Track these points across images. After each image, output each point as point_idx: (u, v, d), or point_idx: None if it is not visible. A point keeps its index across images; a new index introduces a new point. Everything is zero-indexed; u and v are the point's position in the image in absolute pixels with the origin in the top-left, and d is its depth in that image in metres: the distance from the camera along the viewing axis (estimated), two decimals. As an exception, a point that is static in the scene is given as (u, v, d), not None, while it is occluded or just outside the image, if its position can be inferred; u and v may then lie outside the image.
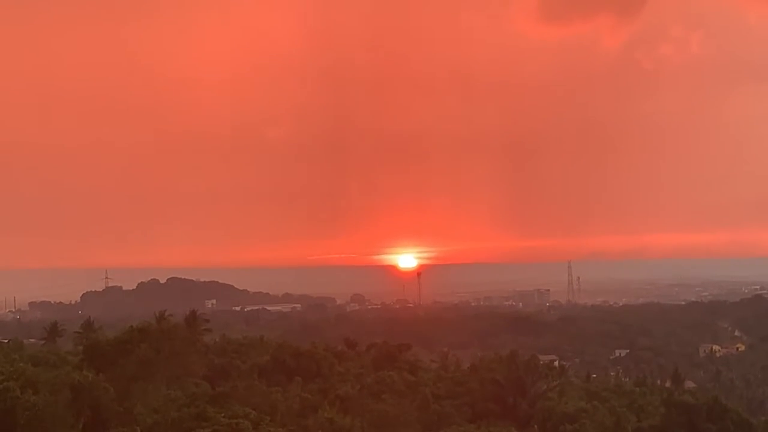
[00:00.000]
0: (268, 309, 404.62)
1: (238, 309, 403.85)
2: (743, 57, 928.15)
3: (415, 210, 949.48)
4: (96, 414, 60.15)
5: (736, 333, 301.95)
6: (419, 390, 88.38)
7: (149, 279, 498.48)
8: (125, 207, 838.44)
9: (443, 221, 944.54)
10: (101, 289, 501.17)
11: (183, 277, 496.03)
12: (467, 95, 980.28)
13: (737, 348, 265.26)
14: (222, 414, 60.54)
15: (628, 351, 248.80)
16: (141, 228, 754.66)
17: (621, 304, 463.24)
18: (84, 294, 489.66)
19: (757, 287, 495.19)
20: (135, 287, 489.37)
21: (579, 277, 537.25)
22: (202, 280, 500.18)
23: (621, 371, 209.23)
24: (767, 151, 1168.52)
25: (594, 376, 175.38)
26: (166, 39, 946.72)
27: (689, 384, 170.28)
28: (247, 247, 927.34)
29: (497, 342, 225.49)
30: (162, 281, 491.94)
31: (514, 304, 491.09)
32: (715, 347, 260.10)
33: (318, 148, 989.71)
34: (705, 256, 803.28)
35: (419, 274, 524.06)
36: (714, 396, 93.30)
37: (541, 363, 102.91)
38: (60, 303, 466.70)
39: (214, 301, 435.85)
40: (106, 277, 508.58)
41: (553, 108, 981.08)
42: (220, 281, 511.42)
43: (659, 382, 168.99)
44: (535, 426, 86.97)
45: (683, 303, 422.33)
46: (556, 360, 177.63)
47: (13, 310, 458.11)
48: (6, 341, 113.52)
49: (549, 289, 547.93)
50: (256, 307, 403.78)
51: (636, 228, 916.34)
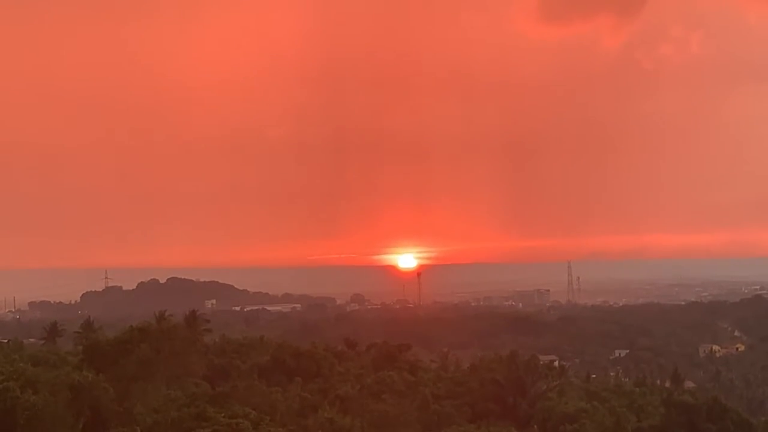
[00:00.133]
0: (268, 309, 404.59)
1: (237, 309, 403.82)
2: (743, 57, 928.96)
3: (415, 210, 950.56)
4: (96, 414, 60.17)
5: (735, 333, 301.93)
6: (419, 390, 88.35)
7: (149, 279, 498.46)
8: (125, 207, 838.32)
9: (443, 221, 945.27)
10: (101, 289, 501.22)
11: (183, 277, 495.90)
12: (467, 95, 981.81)
13: (737, 348, 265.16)
14: (222, 414, 60.56)
15: (627, 351, 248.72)
16: (141, 228, 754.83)
17: (621, 304, 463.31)
18: (84, 294, 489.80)
19: (757, 287, 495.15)
20: (135, 287, 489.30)
21: (579, 277, 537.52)
22: (201, 280, 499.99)
23: (621, 371, 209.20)
24: (767, 151, 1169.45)
25: (594, 376, 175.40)
26: (166, 39, 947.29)
27: (689, 384, 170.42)
28: (247, 247, 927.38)
29: (497, 342, 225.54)
30: (162, 281, 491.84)
31: (514, 304, 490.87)
32: (715, 347, 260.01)
33: (318, 148, 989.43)
34: (705, 256, 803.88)
35: (419, 274, 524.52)
36: (714, 396, 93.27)
37: (541, 363, 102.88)
38: (60, 303, 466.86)
39: (213, 301, 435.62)
40: (105, 277, 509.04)
41: (553, 108, 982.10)
42: (220, 281, 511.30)
43: (659, 382, 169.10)
44: (535, 426, 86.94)
45: (683, 303, 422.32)
46: (556, 360, 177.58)
47: (13, 310, 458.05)
48: (6, 341, 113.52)
49: (549, 289, 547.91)
50: (256, 307, 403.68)
51: (636, 228, 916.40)
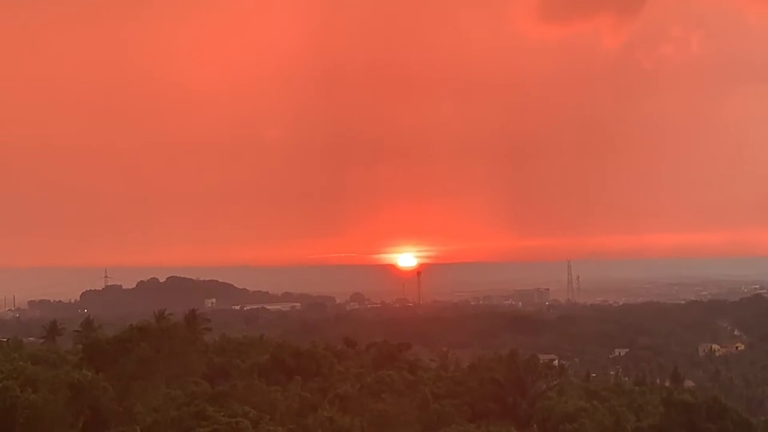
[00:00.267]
0: (267, 308, 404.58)
1: (237, 308, 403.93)
2: (743, 57, 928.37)
3: (415, 209, 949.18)
4: (95, 413, 60.17)
5: (735, 332, 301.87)
6: (419, 389, 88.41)
7: (149, 278, 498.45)
8: (125, 206, 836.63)
9: (443, 220, 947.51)
10: (101, 288, 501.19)
11: (182, 276, 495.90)
12: (467, 95, 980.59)
13: (737, 347, 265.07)
14: (221, 413, 60.64)
15: (627, 350, 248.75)
16: (141, 227, 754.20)
17: (620, 303, 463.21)
18: (83, 293, 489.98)
19: (757, 286, 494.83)
20: (135, 286, 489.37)
21: (579, 277, 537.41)
22: (201, 279, 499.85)
23: (620, 370, 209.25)
24: (767, 151, 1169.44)
25: (593, 375, 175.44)
26: (165, 40, 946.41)
27: (689, 383, 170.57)
28: (247, 247, 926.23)
29: (497, 341, 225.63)
30: (162, 280, 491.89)
31: (513, 303, 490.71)
32: (715, 346, 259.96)
33: (318, 147, 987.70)
34: (705, 255, 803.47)
35: (419, 273, 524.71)
36: (713, 395, 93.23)
37: (541, 362, 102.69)
38: (59, 302, 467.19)
39: (213, 300, 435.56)
40: (105, 276, 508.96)
41: (553, 108, 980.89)
42: (219, 280, 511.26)
43: (659, 381, 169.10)
44: (535, 425, 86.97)
45: (683, 302, 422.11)
46: (555, 359, 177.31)
47: (13, 308, 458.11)
48: (5, 340, 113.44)
49: (549, 289, 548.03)
50: (255, 306, 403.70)
51: (636, 227, 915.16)
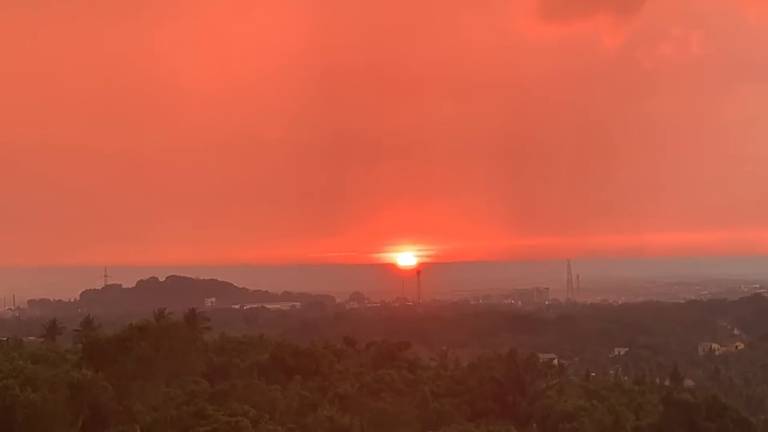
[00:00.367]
0: (267, 307, 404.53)
1: (237, 307, 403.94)
2: (743, 57, 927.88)
3: (415, 208, 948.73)
4: (95, 412, 60.20)
5: (735, 331, 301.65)
6: (418, 388, 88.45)
7: (148, 277, 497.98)
8: (125, 205, 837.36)
9: (443, 219, 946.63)
10: (100, 287, 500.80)
11: (182, 275, 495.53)
12: (466, 94, 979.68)
13: (736, 346, 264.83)
14: (221, 412, 60.69)
15: (627, 349, 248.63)
16: (140, 226, 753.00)
17: (620, 302, 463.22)
18: (83, 292, 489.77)
19: (757, 286, 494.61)
20: (134, 285, 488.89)
21: (578, 276, 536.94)
22: (201, 278, 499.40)
23: (620, 369, 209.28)
24: (766, 151, 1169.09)
25: (593, 374, 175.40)
26: (165, 40, 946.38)
27: (688, 382, 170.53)
28: (247, 246, 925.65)
29: (496, 340, 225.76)
30: (161, 279, 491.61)
31: (513, 302, 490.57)
32: (715, 346, 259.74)
33: (317, 147, 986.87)
34: (704, 254, 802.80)
35: (418, 272, 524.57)
36: (713, 394, 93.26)
37: (541, 361, 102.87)
38: (59, 301, 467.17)
39: (213, 299, 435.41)
40: (105, 275, 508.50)
41: (553, 107, 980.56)
42: (219, 279, 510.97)
43: (658, 380, 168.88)
44: (534, 424, 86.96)
45: (683, 301, 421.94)
46: (555, 358, 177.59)
47: (13, 307, 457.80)
48: (5, 339, 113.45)
49: (548, 288, 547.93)
50: (255, 306, 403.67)
51: (635, 226, 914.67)
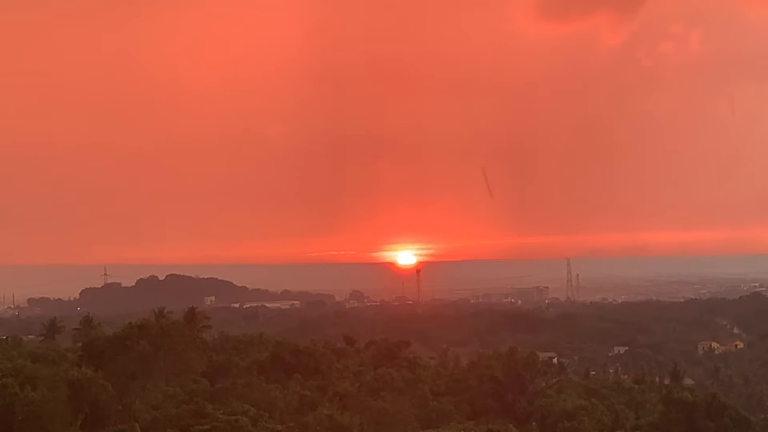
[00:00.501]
0: (267, 306, 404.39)
1: (237, 306, 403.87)
2: (743, 55, 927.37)
3: (414, 207, 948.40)
4: (95, 410, 60.18)
5: (734, 330, 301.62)
6: (418, 387, 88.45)
7: (148, 275, 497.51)
8: (125, 204, 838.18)
9: (442, 218, 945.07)
10: (100, 286, 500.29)
11: (182, 274, 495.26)
12: (466, 93, 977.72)
13: (736, 345, 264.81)
14: (221, 411, 60.70)
15: (626, 348, 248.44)
16: (140, 225, 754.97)
17: (620, 301, 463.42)
18: (83, 290, 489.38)
19: (756, 284, 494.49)
20: (134, 284, 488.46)
21: (578, 274, 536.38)
22: (201, 276, 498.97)
23: (620, 368, 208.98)
24: (766, 149, 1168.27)
25: (593, 373, 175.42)
26: (165, 37, 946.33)
27: (688, 381, 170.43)
28: (246, 244, 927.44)
29: (496, 339, 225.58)
30: (161, 278, 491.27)
31: (513, 301, 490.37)
32: (714, 344, 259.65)
33: (317, 145, 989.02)
34: (704, 253, 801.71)
35: (418, 271, 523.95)
36: (713, 393, 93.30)
37: (540, 360, 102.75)
38: (59, 299, 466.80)
39: (213, 298, 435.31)
40: (105, 274, 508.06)
41: (552, 105, 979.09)
42: (219, 278, 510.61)
43: (658, 379, 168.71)
44: (534, 423, 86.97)
45: (682, 300, 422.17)
46: (554, 357, 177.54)
47: (12, 306, 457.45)
48: (5, 338, 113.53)
49: (548, 287, 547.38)
50: (255, 304, 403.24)
51: (635, 225, 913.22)
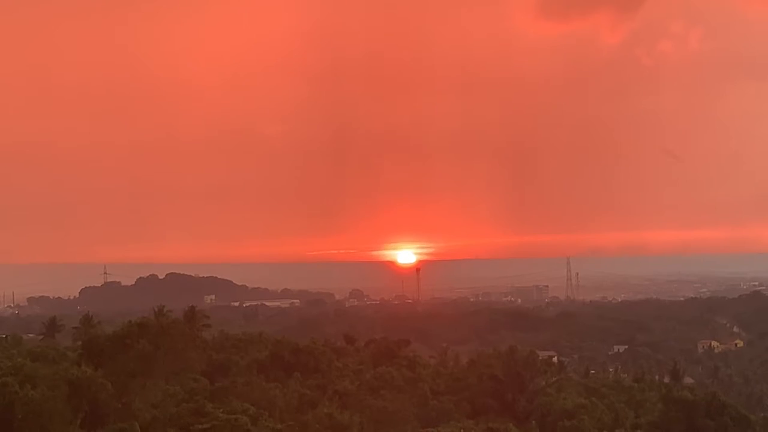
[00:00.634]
0: (266, 304, 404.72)
1: (236, 304, 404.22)
2: (743, 53, 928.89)
3: (414, 206, 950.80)
4: (94, 409, 60.15)
5: (734, 329, 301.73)
6: (418, 386, 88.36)
7: (148, 274, 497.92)
8: (124, 202, 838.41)
9: (442, 217, 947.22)
10: (100, 285, 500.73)
11: (182, 273, 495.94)
12: (466, 92, 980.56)
13: (736, 344, 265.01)
14: (220, 409, 60.66)
15: (626, 347, 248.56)
16: (140, 223, 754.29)
17: (620, 300, 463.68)
18: (83, 289, 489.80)
19: (756, 283, 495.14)
20: (134, 282, 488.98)
21: (578, 273, 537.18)
22: (200, 275, 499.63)
23: (619, 367, 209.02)
24: (766, 148, 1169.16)
25: (593, 371, 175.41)
26: (165, 36, 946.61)
27: (688, 380, 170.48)
28: (246, 243, 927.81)
29: (496, 338, 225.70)
30: (161, 276, 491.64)
31: (512, 299, 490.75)
32: (714, 343, 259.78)
33: (317, 144, 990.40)
34: (704, 252, 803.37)
35: (418, 269, 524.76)
36: (712, 392, 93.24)
37: (540, 359, 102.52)
38: (59, 298, 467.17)
39: (212, 297, 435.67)
40: (104, 273, 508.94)
41: (552, 104, 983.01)
42: (218, 277, 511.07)
43: (658, 378, 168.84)
44: (534, 422, 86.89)
45: (682, 299, 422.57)
46: (554, 356, 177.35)
47: (12, 305, 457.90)
48: (5, 337, 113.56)
49: (548, 285, 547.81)
50: (254, 303, 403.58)
51: (635, 224, 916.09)
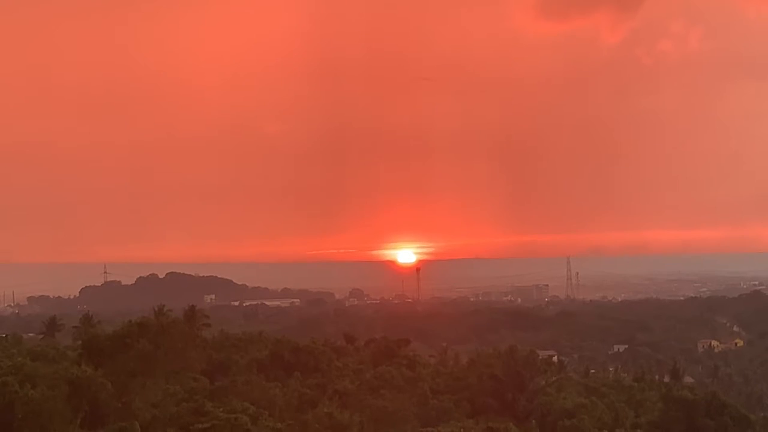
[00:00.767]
0: (266, 304, 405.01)
1: (236, 304, 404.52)
2: (743, 53, 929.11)
3: (414, 205, 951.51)
4: (94, 409, 60.09)
5: (734, 328, 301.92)
6: (418, 385, 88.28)
7: (148, 274, 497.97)
8: (124, 202, 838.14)
9: (442, 217, 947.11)
10: (100, 284, 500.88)
11: (182, 272, 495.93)
12: (466, 91, 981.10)
13: (736, 343, 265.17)
14: (220, 409, 60.63)
15: (626, 346, 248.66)
16: (140, 223, 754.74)
17: (620, 299, 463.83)
18: (83, 288, 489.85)
19: (756, 283, 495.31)
20: (134, 282, 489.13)
21: (578, 273, 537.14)
22: (200, 275, 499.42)
23: (620, 366, 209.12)
24: (766, 148, 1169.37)
25: (593, 371, 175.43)
26: (165, 35, 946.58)
27: (688, 379, 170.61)
28: (246, 242, 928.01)
29: (496, 337, 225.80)
30: (161, 276, 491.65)
31: (512, 299, 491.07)
32: (714, 343, 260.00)
33: (317, 143, 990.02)
34: (704, 251, 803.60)
35: (418, 269, 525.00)
36: (712, 391, 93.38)
37: (540, 358, 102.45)
38: (59, 297, 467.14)
39: (212, 296, 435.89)
40: (105, 272, 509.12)
41: (552, 104, 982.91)
42: (219, 276, 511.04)
43: (658, 377, 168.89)
44: (534, 421, 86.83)
45: (682, 298, 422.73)
46: (554, 355, 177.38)
47: (12, 304, 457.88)
48: (5, 336, 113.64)
49: (548, 285, 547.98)
50: (254, 302, 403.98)
51: (635, 224, 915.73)
